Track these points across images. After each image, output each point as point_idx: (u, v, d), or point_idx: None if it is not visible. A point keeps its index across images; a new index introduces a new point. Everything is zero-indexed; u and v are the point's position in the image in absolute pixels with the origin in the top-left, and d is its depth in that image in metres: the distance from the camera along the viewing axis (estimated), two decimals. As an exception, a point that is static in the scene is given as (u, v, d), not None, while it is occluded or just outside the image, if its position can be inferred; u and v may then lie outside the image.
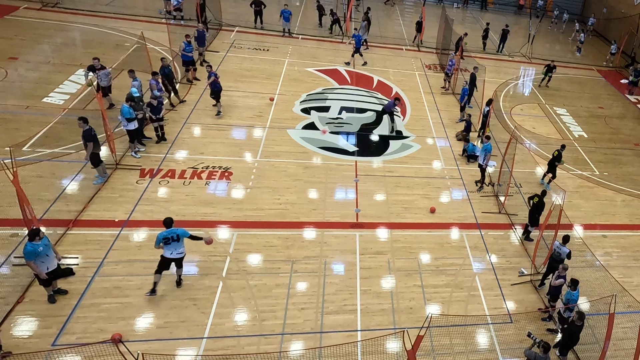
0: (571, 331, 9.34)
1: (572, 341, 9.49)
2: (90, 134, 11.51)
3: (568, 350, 9.73)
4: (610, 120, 21.31)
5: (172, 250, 9.41)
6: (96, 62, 14.57)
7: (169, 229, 9.35)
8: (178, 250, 9.49)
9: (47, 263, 8.73)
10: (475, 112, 18.96)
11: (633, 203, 15.74)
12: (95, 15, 21.75)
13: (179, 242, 9.44)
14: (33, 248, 8.45)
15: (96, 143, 11.80)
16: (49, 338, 8.56)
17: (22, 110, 14.33)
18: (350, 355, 9.14)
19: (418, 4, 33.27)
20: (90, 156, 11.74)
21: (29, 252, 8.42)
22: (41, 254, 8.54)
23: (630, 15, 29.90)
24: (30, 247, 8.45)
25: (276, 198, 12.96)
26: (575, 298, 9.90)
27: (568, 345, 9.60)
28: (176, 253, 9.49)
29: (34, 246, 8.46)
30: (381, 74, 21.67)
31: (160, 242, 9.29)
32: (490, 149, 14.06)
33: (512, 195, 14.54)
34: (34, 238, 8.50)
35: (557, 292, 10.53)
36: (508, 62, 26.29)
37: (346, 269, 11.18)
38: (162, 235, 9.28)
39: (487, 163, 14.22)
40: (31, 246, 8.45)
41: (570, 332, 9.38)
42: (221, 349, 8.94)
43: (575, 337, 9.39)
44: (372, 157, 15.58)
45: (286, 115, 16.94)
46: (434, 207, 13.54)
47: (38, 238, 8.51)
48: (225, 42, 21.73)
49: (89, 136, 11.51)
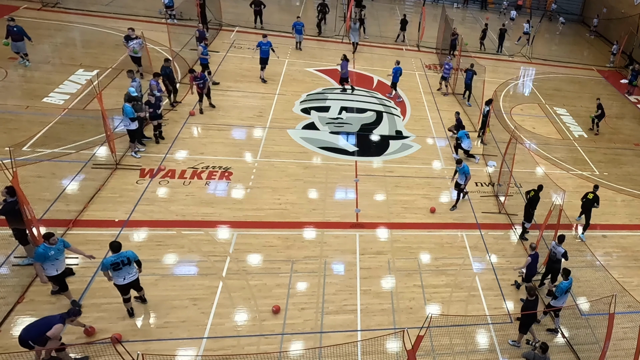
0: (525, 307, 9.56)
1: (528, 318, 9.57)
2: (14, 209, 9.17)
3: (527, 328, 9.78)
4: (610, 120, 21.31)
5: (124, 275, 8.68)
6: (131, 31, 16.49)
7: (116, 253, 8.60)
8: (130, 273, 8.78)
9: (57, 266, 8.68)
10: (475, 111, 18.98)
11: (633, 203, 15.74)
12: (95, 15, 21.75)
13: (130, 266, 8.74)
14: (44, 251, 8.45)
15: (19, 217, 9.38)
16: (49, 338, 8.55)
17: (22, 110, 14.33)
18: (350, 355, 9.13)
19: (418, 4, 33.27)
20: (15, 232, 9.58)
21: (39, 253, 8.42)
22: (50, 258, 8.51)
23: (630, 15, 29.91)
24: (41, 249, 8.46)
25: (276, 198, 12.96)
26: (563, 287, 9.81)
27: (526, 323, 9.68)
28: (129, 277, 8.78)
29: (46, 249, 8.45)
30: (381, 74, 21.67)
31: (108, 268, 8.48)
32: (468, 171, 13.35)
33: (512, 195, 14.53)
34: (47, 240, 8.51)
35: (530, 273, 10.81)
36: (508, 62, 26.30)
37: (346, 269, 11.18)
38: (109, 260, 8.48)
39: (466, 184, 13.58)
40: (43, 249, 8.44)
41: (524, 308, 9.60)
42: (221, 349, 8.94)
43: (531, 314, 9.51)
44: (372, 157, 15.58)
45: (286, 115, 16.94)
46: (434, 207, 13.54)
47: (51, 241, 8.48)
48: (225, 42, 21.73)
49: (11, 210, 9.16)
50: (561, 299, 9.92)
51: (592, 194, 13.30)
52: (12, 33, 15.88)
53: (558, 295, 9.82)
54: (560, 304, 10.01)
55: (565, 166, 17.05)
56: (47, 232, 8.62)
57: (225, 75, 18.73)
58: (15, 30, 15.91)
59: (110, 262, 8.49)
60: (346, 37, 24.70)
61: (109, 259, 8.53)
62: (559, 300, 9.91)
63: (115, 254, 8.60)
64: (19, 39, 16.09)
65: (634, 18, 29.37)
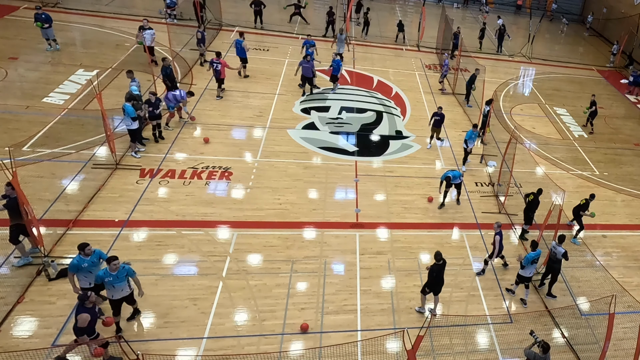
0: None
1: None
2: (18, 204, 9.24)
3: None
4: (610, 120, 21.31)
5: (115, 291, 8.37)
6: (145, 22, 17.57)
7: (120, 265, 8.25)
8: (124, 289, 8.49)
9: (90, 279, 8.57)
10: (475, 111, 18.98)
11: (633, 203, 15.74)
12: (95, 15, 21.75)
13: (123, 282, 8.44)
14: (78, 262, 8.40)
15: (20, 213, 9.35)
16: (49, 338, 8.55)
17: (22, 110, 14.33)
18: (350, 355, 9.13)
19: (418, 4, 33.26)
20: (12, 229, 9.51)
21: (73, 264, 8.36)
22: (84, 270, 8.45)
23: (630, 15, 29.92)
24: (75, 261, 8.42)
25: (276, 198, 12.96)
26: (529, 257, 10.55)
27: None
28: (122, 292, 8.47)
29: (80, 260, 8.38)
30: (381, 74, 21.68)
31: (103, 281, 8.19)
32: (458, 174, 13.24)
33: (512, 195, 14.53)
34: (82, 251, 8.48)
35: (500, 248, 11.25)
36: (508, 62, 26.30)
37: (346, 269, 11.17)
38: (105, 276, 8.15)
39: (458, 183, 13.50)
40: (77, 260, 8.37)
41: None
42: (221, 349, 8.94)
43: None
44: (372, 157, 15.58)
45: (286, 115, 16.94)
46: (432, 197, 13.74)
47: (84, 254, 8.41)
48: (225, 42, 21.72)
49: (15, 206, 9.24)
50: (528, 268, 10.65)
51: (585, 200, 13.14)
52: (40, 20, 17.01)
53: (525, 265, 10.56)
54: (527, 274, 10.73)
55: (565, 166, 17.06)
56: (82, 242, 8.46)
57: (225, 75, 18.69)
58: (44, 18, 17.09)
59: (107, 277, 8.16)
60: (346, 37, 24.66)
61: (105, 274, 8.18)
62: (526, 270, 10.65)
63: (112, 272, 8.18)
64: (48, 25, 17.29)
65: (634, 18, 29.38)
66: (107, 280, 8.20)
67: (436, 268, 9.89)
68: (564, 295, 11.59)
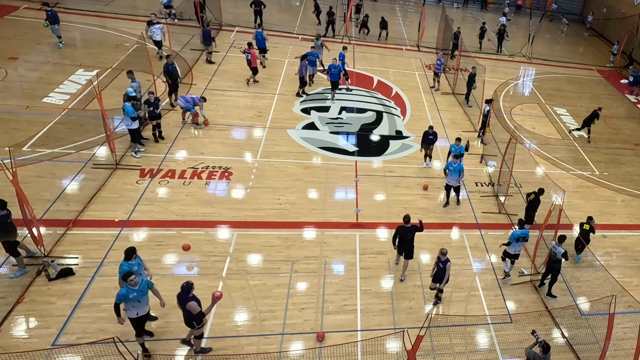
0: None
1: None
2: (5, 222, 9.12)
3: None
4: (610, 120, 21.31)
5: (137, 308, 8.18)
6: (153, 16, 18.50)
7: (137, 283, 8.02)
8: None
9: (138, 309, 8.16)
10: (475, 111, 18.98)
11: (633, 203, 15.74)
12: (95, 15, 21.75)
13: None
14: (129, 267, 8.29)
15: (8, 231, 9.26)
16: (49, 338, 8.56)
17: (22, 110, 14.33)
18: (350, 355, 9.14)
19: (418, 4, 33.27)
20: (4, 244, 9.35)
21: (122, 294, 7.97)
22: (132, 300, 8.07)
23: (630, 15, 29.91)
24: (126, 267, 8.30)
25: (276, 198, 12.95)
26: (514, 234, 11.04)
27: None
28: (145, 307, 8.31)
29: (129, 290, 7.97)
30: (381, 74, 21.68)
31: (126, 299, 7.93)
32: (462, 168, 13.04)
33: (512, 195, 14.53)
34: (130, 257, 8.41)
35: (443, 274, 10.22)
36: (508, 62, 26.29)
37: (346, 269, 11.17)
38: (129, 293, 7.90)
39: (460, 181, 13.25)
40: (126, 290, 7.97)
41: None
42: (221, 349, 8.94)
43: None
44: (372, 157, 15.58)
45: (286, 115, 16.94)
46: (427, 185, 14.12)
47: (130, 282, 8.00)
48: (225, 42, 21.72)
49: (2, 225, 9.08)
50: (513, 246, 11.18)
51: (587, 224, 12.87)
52: (48, 17, 17.56)
53: (510, 242, 11.12)
54: (512, 251, 11.26)
55: (565, 166, 17.05)
56: (125, 273, 8.01)
57: (225, 75, 18.72)
58: (50, 14, 17.58)
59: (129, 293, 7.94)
60: (346, 37, 24.71)
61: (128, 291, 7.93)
62: (512, 247, 11.19)
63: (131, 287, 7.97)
64: (55, 22, 17.76)
65: (634, 18, 29.37)
66: (131, 297, 7.92)
67: (400, 230, 10.54)
68: (564, 295, 11.59)
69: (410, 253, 10.84)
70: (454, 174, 13.01)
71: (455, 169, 13.00)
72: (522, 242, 11.25)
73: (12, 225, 9.25)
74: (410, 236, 10.61)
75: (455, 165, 12.98)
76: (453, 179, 13.09)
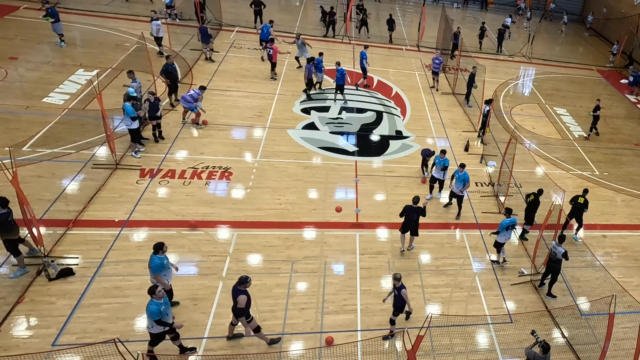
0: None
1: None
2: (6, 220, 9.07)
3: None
4: (610, 120, 21.31)
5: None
6: (153, 13, 19.03)
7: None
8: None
9: (168, 277, 8.93)
10: (475, 111, 18.98)
11: (633, 203, 15.74)
12: (95, 15, 21.74)
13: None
14: (160, 261, 8.57)
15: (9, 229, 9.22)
16: (49, 338, 8.55)
17: (22, 110, 14.33)
18: (350, 355, 9.14)
19: (418, 4, 33.28)
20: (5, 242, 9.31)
21: (157, 265, 8.48)
22: (165, 267, 8.58)
23: (630, 15, 29.91)
24: (158, 260, 8.57)
25: (276, 198, 12.96)
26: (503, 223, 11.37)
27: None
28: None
29: (161, 259, 8.58)
30: (381, 74, 21.67)
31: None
32: (468, 178, 12.84)
33: (512, 195, 14.53)
34: (158, 251, 8.63)
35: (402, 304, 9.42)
36: (508, 62, 26.30)
37: (346, 269, 11.17)
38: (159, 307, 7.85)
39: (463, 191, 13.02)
40: (159, 259, 8.57)
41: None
42: (221, 349, 8.94)
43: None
44: (372, 157, 15.58)
45: (286, 115, 16.94)
46: (425, 179, 14.36)
47: (161, 252, 8.66)
48: (225, 42, 21.72)
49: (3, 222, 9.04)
50: (503, 234, 11.50)
51: (582, 197, 13.05)
52: (48, 14, 17.54)
53: (500, 231, 11.42)
54: (502, 240, 11.61)
55: (565, 166, 17.06)
56: (157, 243, 8.72)
57: (225, 75, 18.73)
58: (50, 12, 17.54)
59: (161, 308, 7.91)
60: (346, 37, 24.71)
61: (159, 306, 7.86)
62: (501, 235, 11.51)
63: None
64: (56, 20, 17.76)
65: (634, 18, 29.37)
66: (162, 310, 7.88)
67: (408, 208, 11.14)
68: (564, 295, 11.59)
69: (415, 231, 11.53)
70: (459, 183, 12.89)
71: (460, 178, 12.84)
72: (511, 230, 11.60)
73: (13, 224, 9.25)
74: (416, 216, 11.22)
75: (461, 173, 12.79)
76: (457, 188, 13.01)
